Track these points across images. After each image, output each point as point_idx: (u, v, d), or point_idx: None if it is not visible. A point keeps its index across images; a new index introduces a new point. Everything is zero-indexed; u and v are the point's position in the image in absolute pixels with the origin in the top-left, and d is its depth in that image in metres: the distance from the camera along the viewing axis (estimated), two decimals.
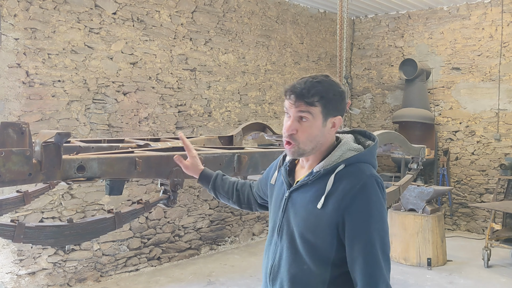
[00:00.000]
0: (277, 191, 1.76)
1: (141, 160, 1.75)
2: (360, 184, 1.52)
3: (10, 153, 1.41)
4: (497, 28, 7.42)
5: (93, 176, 1.62)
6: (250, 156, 2.25)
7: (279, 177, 1.78)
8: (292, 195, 1.64)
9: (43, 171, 1.50)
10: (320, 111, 1.57)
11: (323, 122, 1.59)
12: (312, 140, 1.59)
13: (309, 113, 1.56)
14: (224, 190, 2.05)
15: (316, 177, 1.58)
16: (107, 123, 5.25)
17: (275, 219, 1.71)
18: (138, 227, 5.60)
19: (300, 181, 1.63)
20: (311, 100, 1.55)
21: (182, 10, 6.00)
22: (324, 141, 1.62)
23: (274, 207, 1.75)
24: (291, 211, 1.63)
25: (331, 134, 1.63)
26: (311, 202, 1.56)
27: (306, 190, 1.60)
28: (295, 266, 1.59)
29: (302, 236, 1.57)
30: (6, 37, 4.48)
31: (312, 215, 1.55)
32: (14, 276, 4.60)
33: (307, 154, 1.62)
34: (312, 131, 1.58)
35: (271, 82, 7.33)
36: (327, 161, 1.59)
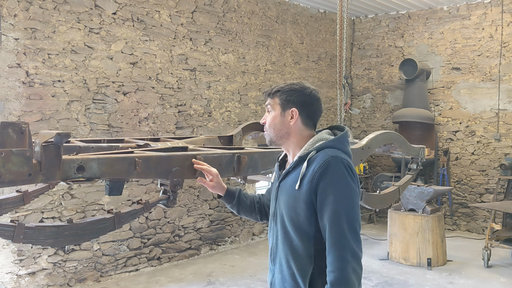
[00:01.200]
0: (274, 184, 2.03)
1: (141, 161, 1.75)
2: (325, 164, 1.76)
3: (10, 153, 1.41)
4: (497, 28, 7.42)
5: (92, 176, 1.62)
6: (250, 156, 2.25)
7: (277, 172, 2.05)
8: (281, 184, 1.93)
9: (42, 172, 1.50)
10: (278, 103, 1.91)
11: (281, 112, 1.91)
12: (275, 128, 1.91)
13: (270, 105, 1.93)
14: (247, 204, 2.20)
15: (295, 164, 1.87)
16: (107, 123, 5.25)
17: (272, 208, 1.99)
18: (138, 227, 5.60)
19: (285, 171, 1.92)
20: (272, 93, 1.93)
21: (182, 10, 6.00)
22: (290, 132, 1.91)
23: (271, 198, 2.02)
24: (280, 197, 1.91)
25: (295, 125, 1.91)
26: (291, 185, 1.84)
27: (288, 177, 1.89)
28: (287, 244, 1.85)
29: (288, 215, 1.85)
30: (6, 37, 4.48)
31: (292, 196, 1.83)
32: (14, 276, 4.60)
33: (277, 142, 1.93)
34: (274, 120, 1.91)
35: (271, 82, 7.33)
36: (302, 150, 1.88)
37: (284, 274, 1.85)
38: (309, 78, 8.04)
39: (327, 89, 8.46)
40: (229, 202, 2.18)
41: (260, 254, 6.47)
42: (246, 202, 2.20)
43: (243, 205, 2.19)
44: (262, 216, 2.24)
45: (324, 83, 8.41)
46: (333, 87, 8.45)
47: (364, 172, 8.30)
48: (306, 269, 1.79)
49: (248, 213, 2.23)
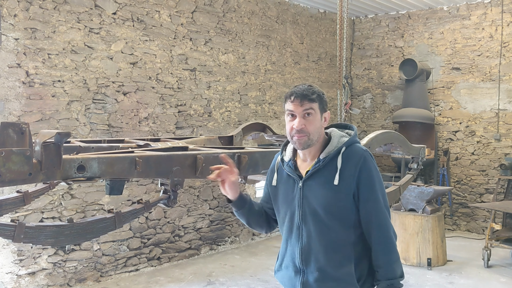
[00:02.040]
0: (285, 187, 2.06)
1: (141, 160, 1.74)
2: (362, 158, 1.95)
3: (10, 153, 1.41)
4: (497, 28, 7.42)
5: (93, 176, 1.61)
6: (250, 156, 2.25)
7: (281, 175, 2.09)
8: (306, 183, 1.98)
9: (43, 171, 1.50)
10: (318, 106, 1.98)
11: (320, 116, 2.00)
12: (317, 131, 1.97)
13: (312, 109, 1.96)
14: (256, 210, 2.18)
15: (325, 162, 1.96)
16: (107, 123, 5.25)
17: (291, 211, 2.01)
18: (138, 227, 5.59)
19: (310, 170, 1.98)
20: (313, 97, 1.96)
21: (182, 10, 6.00)
22: (322, 133, 2.02)
23: (286, 201, 2.04)
24: (310, 195, 1.96)
25: (323, 127, 2.04)
26: (327, 182, 1.93)
27: (318, 175, 1.96)
28: (325, 237, 1.94)
29: (327, 209, 1.92)
30: (6, 37, 4.48)
31: (332, 191, 1.92)
32: (14, 276, 4.59)
33: (313, 144, 1.97)
34: (316, 123, 1.97)
35: (271, 82, 7.33)
36: (329, 148, 1.99)
37: (325, 269, 1.93)
38: (309, 78, 8.04)
39: (327, 89, 8.46)
40: (240, 207, 2.12)
41: (260, 254, 6.47)
42: (255, 208, 2.17)
43: (253, 212, 2.16)
44: (268, 226, 2.22)
45: (324, 83, 8.41)
46: (333, 87, 8.45)
47: None
48: (350, 256, 1.94)
49: (257, 221, 2.19)
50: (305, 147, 1.97)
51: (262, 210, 2.20)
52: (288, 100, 1.98)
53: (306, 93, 1.95)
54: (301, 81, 7.90)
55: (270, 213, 2.21)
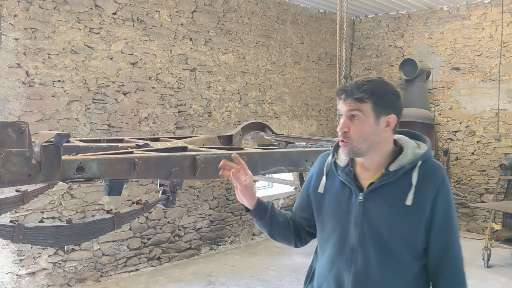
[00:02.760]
0: (336, 197, 1.71)
1: (140, 161, 1.75)
2: (441, 178, 1.62)
3: (9, 153, 1.41)
4: (497, 28, 7.42)
5: (92, 177, 1.62)
6: (249, 156, 2.24)
7: (332, 182, 1.75)
8: (369, 197, 1.63)
9: (42, 172, 1.50)
10: (371, 108, 1.59)
11: (375, 120, 1.60)
12: (366, 139, 1.60)
13: (359, 111, 1.59)
14: (281, 222, 1.84)
15: (396, 176, 1.61)
16: (107, 123, 5.25)
17: (344, 227, 1.66)
18: (138, 227, 5.60)
19: (376, 182, 1.63)
20: (360, 96, 1.58)
21: (182, 10, 6.00)
22: (381, 141, 1.63)
23: (336, 214, 1.70)
24: (373, 213, 1.61)
25: (388, 134, 1.64)
26: (397, 200, 1.60)
27: (387, 189, 1.62)
28: (387, 266, 1.60)
29: (393, 233, 1.59)
30: (6, 37, 4.48)
31: (402, 212, 1.59)
32: (14, 276, 4.60)
33: (363, 153, 1.63)
34: (364, 129, 1.60)
35: (271, 82, 7.33)
36: (403, 160, 1.63)
37: None
38: (309, 78, 8.04)
39: (327, 89, 8.46)
40: (260, 216, 1.79)
41: (260, 254, 6.47)
42: (279, 219, 1.83)
43: (277, 223, 1.82)
44: (298, 239, 1.89)
45: (324, 83, 8.40)
46: (333, 87, 8.45)
47: None
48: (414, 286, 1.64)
49: (282, 234, 1.86)
50: (352, 156, 1.65)
51: (288, 220, 1.86)
52: (337, 96, 1.68)
53: (352, 90, 1.60)
54: (301, 81, 7.91)
55: (304, 224, 1.87)
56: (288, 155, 2.30)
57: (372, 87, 1.59)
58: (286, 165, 2.27)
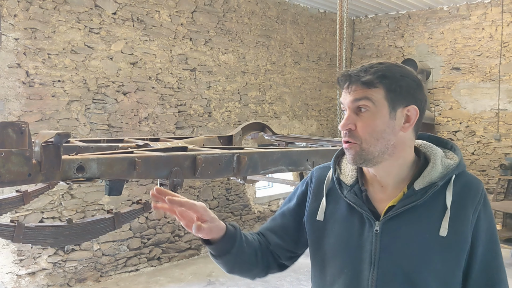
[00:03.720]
0: (344, 227, 1.27)
1: (140, 161, 1.75)
2: (481, 196, 1.22)
3: (9, 153, 1.41)
4: (497, 28, 7.42)
5: (92, 176, 1.62)
6: (250, 156, 2.24)
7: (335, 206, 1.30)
8: (388, 227, 1.20)
9: (42, 172, 1.50)
10: (384, 95, 1.19)
11: (390, 111, 1.19)
12: (378, 138, 1.18)
13: (368, 99, 1.18)
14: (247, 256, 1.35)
15: (425, 197, 1.19)
16: (107, 123, 5.25)
17: (355, 268, 1.23)
18: (138, 227, 5.60)
19: (397, 206, 1.20)
20: (369, 80, 1.18)
21: (182, 10, 6.00)
22: (399, 143, 1.21)
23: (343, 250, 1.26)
24: (394, 247, 1.19)
25: (407, 133, 1.23)
26: (426, 230, 1.18)
27: (412, 216, 1.19)
28: None
29: (425, 277, 1.18)
30: (6, 37, 4.48)
31: (435, 246, 1.17)
32: (14, 276, 4.60)
33: (375, 160, 1.20)
34: (375, 124, 1.18)
35: (271, 82, 7.33)
36: (431, 174, 1.21)
37: None
38: (309, 78, 8.04)
39: (327, 89, 8.46)
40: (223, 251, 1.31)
41: None
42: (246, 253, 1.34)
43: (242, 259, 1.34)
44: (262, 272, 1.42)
45: (324, 83, 8.40)
46: (333, 87, 8.45)
47: None
48: None
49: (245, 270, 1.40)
50: (359, 162, 1.22)
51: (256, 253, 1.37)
52: (338, 85, 1.27)
53: (357, 73, 1.20)
54: (301, 81, 7.91)
55: (280, 255, 1.41)
56: (288, 155, 2.30)
57: (385, 69, 1.21)
58: (286, 164, 2.27)
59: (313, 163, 2.31)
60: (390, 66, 1.23)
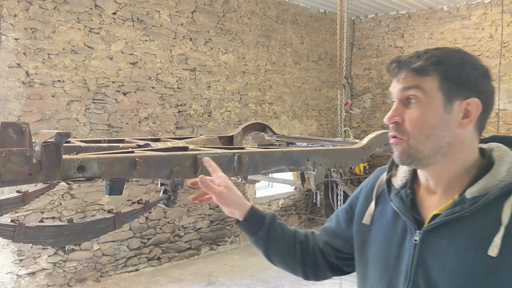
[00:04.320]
0: (386, 234, 1.15)
1: (141, 160, 1.74)
2: None
3: (10, 153, 1.41)
4: (497, 28, 7.42)
5: (93, 176, 1.61)
6: (251, 156, 2.24)
7: (383, 209, 1.19)
8: (429, 238, 1.05)
9: (43, 171, 1.50)
10: (438, 85, 1.03)
11: (445, 104, 1.03)
12: (429, 134, 1.03)
13: (418, 89, 1.04)
14: (283, 241, 1.35)
15: (476, 206, 1.00)
16: (107, 123, 5.25)
17: (391, 281, 1.11)
18: (138, 227, 5.59)
19: (442, 215, 1.04)
20: (421, 66, 1.03)
21: (182, 10, 5.99)
22: (455, 142, 1.04)
23: (382, 258, 1.15)
24: (432, 262, 1.04)
25: (467, 131, 1.05)
26: (473, 246, 0.99)
27: (457, 228, 1.02)
28: None
29: None
30: (6, 37, 4.48)
31: (480, 267, 0.97)
32: (14, 276, 4.59)
33: (425, 160, 1.05)
34: (426, 118, 1.03)
35: (271, 82, 7.32)
36: (489, 180, 1.01)
37: None
38: (309, 78, 8.04)
39: (327, 89, 8.46)
40: (251, 232, 1.35)
41: (260, 254, 6.43)
42: (283, 237, 1.35)
43: (276, 242, 1.35)
44: (306, 267, 1.36)
45: (324, 83, 8.40)
46: (333, 87, 8.45)
47: (364, 172, 8.29)
48: None
49: (283, 260, 1.38)
50: (406, 161, 1.08)
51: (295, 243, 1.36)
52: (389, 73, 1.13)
53: (409, 59, 1.07)
54: (301, 81, 7.90)
55: (329, 253, 1.35)
56: (290, 155, 2.29)
57: (441, 55, 1.04)
58: (287, 164, 2.27)
59: (314, 163, 2.31)
60: (448, 52, 1.06)
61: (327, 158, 2.38)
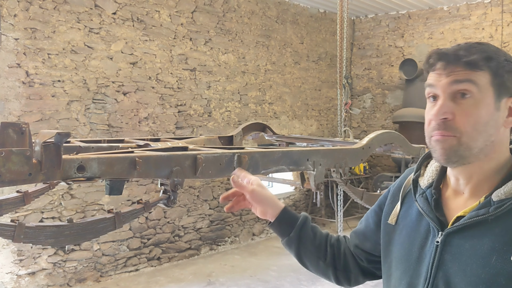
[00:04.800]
0: (410, 234, 1.13)
1: (141, 160, 1.74)
2: None
3: (10, 153, 1.41)
4: (497, 28, 7.42)
5: (93, 176, 1.61)
6: (250, 156, 2.24)
7: (408, 209, 1.18)
8: (451, 240, 1.02)
9: (43, 171, 1.50)
10: (490, 80, 0.98)
11: (495, 100, 0.99)
12: (481, 131, 0.98)
13: (472, 83, 0.98)
14: (314, 244, 1.33)
15: (503, 210, 0.96)
16: (107, 123, 5.25)
17: (410, 281, 1.09)
18: (138, 227, 5.59)
19: (466, 217, 1.01)
20: (475, 60, 0.98)
21: (182, 10, 6.00)
22: (498, 141, 1.00)
23: (406, 260, 1.12)
24: (452, 266, 1.01)
25: (507, 129, 1.02)
26: (496, 251, 0.95)
27: (480, 231, 0.98)
28: None
29: None
30: (6, 37, 4.48)
31: (502, 273, 0.93)
32: (14, 276, 4.59)
33: (470, 158, 1.00)
34: (480, 114, 0.98)
35: (271, 82, 7.33)
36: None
37: None
38: (309, 78, 8.04)
39: (327, 89, 8.46)
40: (282, 233, 1.33)
41: (260, 254, 6.47)
42: (314, 240, 1.33)
43: (307, 245, 1.33)
44: (338, 271, 1.34)
45: (324, 83, 8.40)
46: (333, 87, 8.45)
47: (364, 172, 8.30)
48: None
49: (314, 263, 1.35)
50: (453, 160, 1.01)
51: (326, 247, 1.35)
52: (427, 66, 1.08)
53: (457, 51, 1.00)
54: (301, 81, 7.91)
55: (361, 256, 1.34)
56: (289, 155, 2.29)
57: (489, 50, 1.00)
58: (287, 164, 2.27)
59: (313, 163, 2.31)
60: (494, 48, 1.02)
61: (327, 158, 2.39)
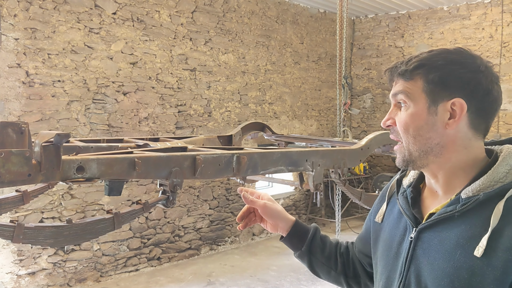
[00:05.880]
0: (390, 230, 1.20)
1: (140, 161, 1.75)
2: None
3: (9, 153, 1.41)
4: (497, 28, 7.42)
5: (92, 177, 1.61)
6: (249, 156, 2.24)
7: (391, 210, 1.25)
8: (423, 236, 1.07)
9: (42, 172, 1.50)
10: (421, 88, 1.05)
11: (429, 106, 1.05)
12: (415, 135, 1.06)
13: (403, 93, 1.07)
14: (324, 254, 1.39)
15: (467, 206, 1.00)
16: (107, 123, 5.26)
17: (388, 275, 1.15)
18: (138, 227, 5.60)
19: (436, 214, 1.06)
20: (403, 70, 1.07)
21: (182, 10, 6.00)
22: (446, 143, 1.05)
23: (386, 255, 1.18)
24: (423, 260, 1.05)
25: (459, 131, 1.04)
26: (460, 246, 0.99)
27: (448, 227, 1.03)
28: None
29: None
30: (6, 37, 4.48)
31: (464, 267, 0.97)
32: (14, 276, 4.60)
33: (419, 162, 1.08)
34: (410, 120, 1.06)
35: (271, 82, 7.33)
36: (485, 181, 1.00)
37: None
38: (309, 78, 8.04)
39: (327, 89, 8.46)
40: (295, 247, 1.39)
41: (260, 254, 6.47)
42: (324, 251, 1.39)
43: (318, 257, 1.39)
44: (348, 278, 1.39)
45: (324, 83, 8.41)
46: (333, 87, 8.45)
47: (364, 172, 8.30)
48: None
49: (326, 273, 1.40)
50: (402, 164, 1.12)
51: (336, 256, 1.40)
52: None
53: (400, 64, 1.10)
54: (301, 81, 7.91)
55: (364, 262, 1.38)
56: (288, 155, 2.29)
57: (425, 57, 1.06)
58: (286, 165, 2.26)
59: (312, 163, 2.31)
60: (435, 53, 1.07)
61: (326, 159, 2.39)
